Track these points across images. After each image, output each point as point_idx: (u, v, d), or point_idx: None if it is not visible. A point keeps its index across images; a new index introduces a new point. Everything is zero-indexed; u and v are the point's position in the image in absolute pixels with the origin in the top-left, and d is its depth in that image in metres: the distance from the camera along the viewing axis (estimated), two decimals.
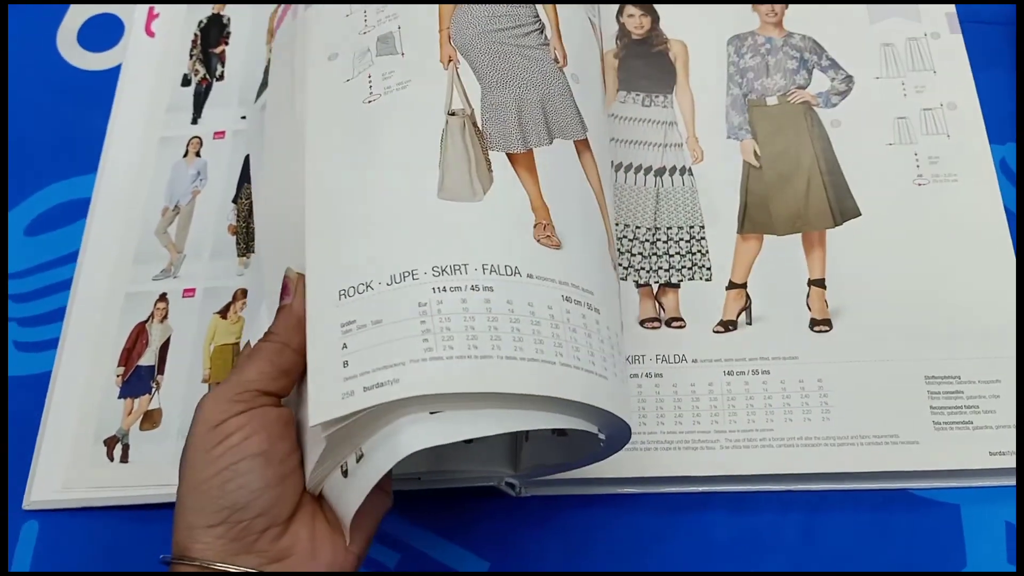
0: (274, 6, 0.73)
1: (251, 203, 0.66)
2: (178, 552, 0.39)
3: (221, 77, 0.72)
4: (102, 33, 0.76)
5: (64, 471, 0.59)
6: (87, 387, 0.61)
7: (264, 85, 0.68)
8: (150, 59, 0.74)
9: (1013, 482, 0.52)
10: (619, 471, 0.52)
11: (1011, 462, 0.52)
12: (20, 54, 0.76)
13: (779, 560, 0.52)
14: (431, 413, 0.39)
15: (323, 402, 0.39)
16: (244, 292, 0.63)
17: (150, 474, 0.58)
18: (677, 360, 0.57)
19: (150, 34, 0.75)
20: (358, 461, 0.40)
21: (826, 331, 0.56)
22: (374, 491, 0.40)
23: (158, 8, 0.76)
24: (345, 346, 0.40)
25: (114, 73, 0.74)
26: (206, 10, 0.75)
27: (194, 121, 0.71)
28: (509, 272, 0.42)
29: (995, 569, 0.51)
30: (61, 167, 0.71)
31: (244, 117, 0.70)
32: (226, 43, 0.74)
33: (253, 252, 0.64)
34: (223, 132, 0.70)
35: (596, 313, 0.44)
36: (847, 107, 0.63)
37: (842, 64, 0.64)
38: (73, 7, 0.77)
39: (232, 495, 0.39)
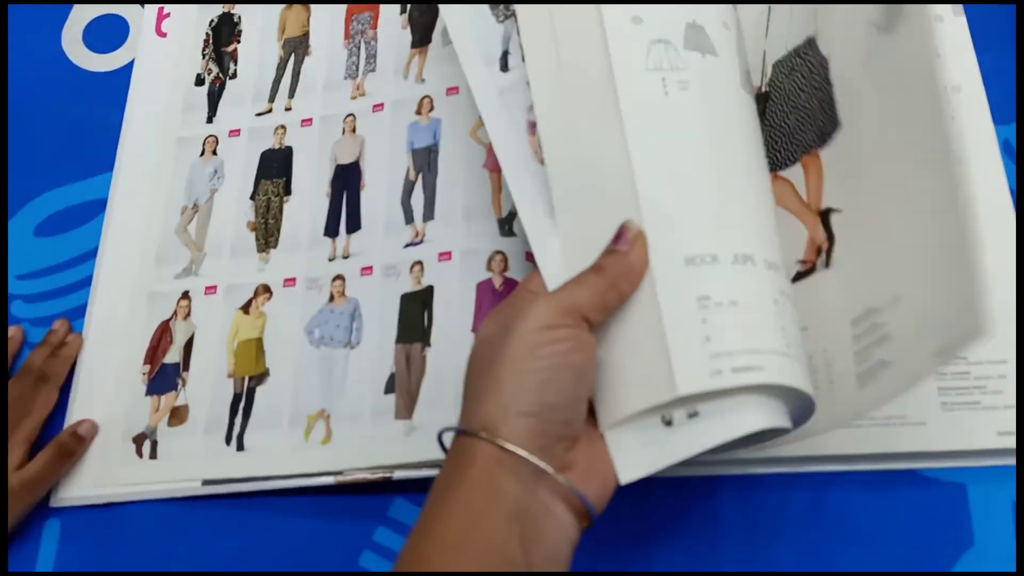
0: (282, 5, 0.75)
1: (268, 199, 0.67)
2: (485, 425, 0.41)
3: (234, 75, 0.73)
4: (107, 34, 0.78)
5: (94, 469, 0.61)
6: (114, 386, 0.63)
7: None
8: (163, 59, 0.75)
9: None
10: None
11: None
12: (25, 57, 0.77)
13: (787, 541, 0.54)
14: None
15: (691, 375, 0.41)
16: (265, 287, 0.64)
17: (180, 469, 0.60)
18: None
19: (161, 34, 0.76)
20: (690, 417, 0.42)
21: None
22: None
23: (168, 8, 0.77)
24: (704, 321, 0.42)
25: (121, 73, 0.75)
26: (217, 9, 0.76)
27: (209, 120, 0.72)
28: (790, 289, 0.46)
29: (1002, 547, 0.52)
30: (71, 169, 0.72)
31: (259, 114, 0.71)
32: (238, 41, 0.75)
33: (274, 248, 0.66)
34: (238, 130, 0.71)
35: None
36: None
37: None
38: (76, 8, 0.78)
39: (550, 394, 0.41)
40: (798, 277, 0.51)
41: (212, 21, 0.76)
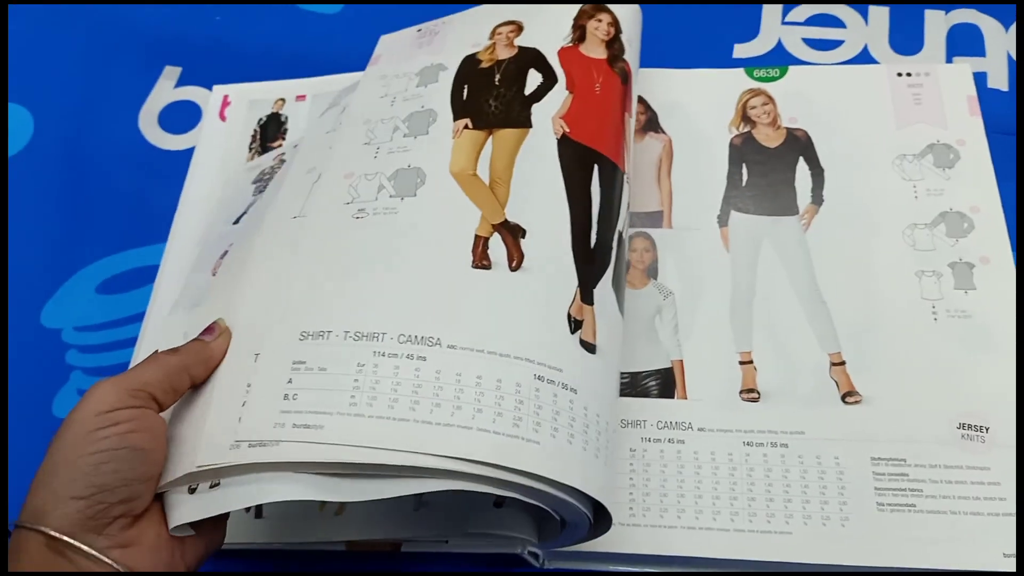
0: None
1: None
2: (30, 517, 0.42)
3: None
4: (181, 117, 0.83)
5: None
6: None
7: None
8: (220, 142, 0.80)
9: None
10: (638, 548, 0.54)
11: None
12: (103, 130, 0.82)
13: None
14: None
15: (214, 446, 0.44)
16: None
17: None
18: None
19: (223, 118, 0.81)
20: (211, 487, 0.44)
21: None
22: (210, 522, 0.45)
23: (232, 96, 0.82)
24: (244, 404, 0.45)
25: (187, 154, 0.80)
26: (267, 108, 0.81)
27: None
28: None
29: None
30: (135, 236, 0.76)
31: None
32: (283, 139, 0.79)
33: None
34: None
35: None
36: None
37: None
38: (154, 91, 0.84)
39: (105, 476, 0.42)
40: None
41: (261, 119, 0.80)
